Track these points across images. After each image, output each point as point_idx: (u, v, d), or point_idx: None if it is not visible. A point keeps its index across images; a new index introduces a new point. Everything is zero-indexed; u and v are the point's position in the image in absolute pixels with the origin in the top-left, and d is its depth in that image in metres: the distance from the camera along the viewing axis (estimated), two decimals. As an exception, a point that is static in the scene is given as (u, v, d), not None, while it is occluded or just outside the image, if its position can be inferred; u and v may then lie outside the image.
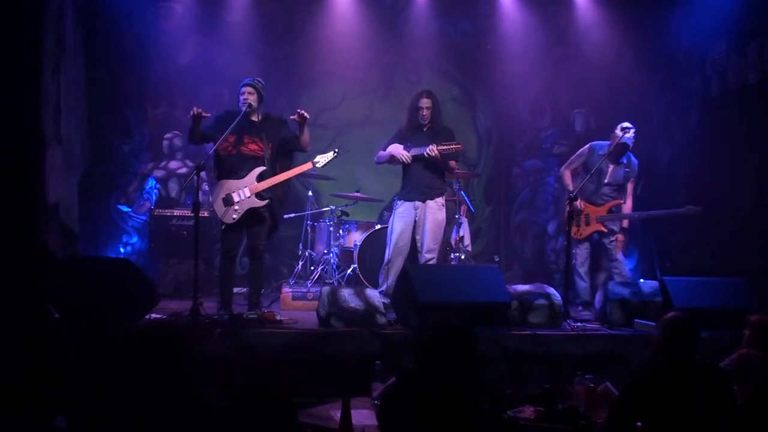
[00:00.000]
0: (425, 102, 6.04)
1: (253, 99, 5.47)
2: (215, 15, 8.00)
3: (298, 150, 5.69)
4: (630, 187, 6.36)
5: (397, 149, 6.03)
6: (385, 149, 6.14)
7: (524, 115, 8.58)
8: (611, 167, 6.25)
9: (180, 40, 7.90)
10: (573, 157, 6.54)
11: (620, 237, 6.28)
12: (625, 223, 6.31)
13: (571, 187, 6.28)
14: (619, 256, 6.34)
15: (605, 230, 6.26)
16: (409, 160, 5.97)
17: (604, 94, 8.22)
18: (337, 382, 4.29)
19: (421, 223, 6.05)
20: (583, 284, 6.37)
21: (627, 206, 6.34)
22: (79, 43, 7.19)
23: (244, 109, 5.41)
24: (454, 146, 5.83)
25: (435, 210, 6.05)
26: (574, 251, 6.34)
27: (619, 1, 8.14)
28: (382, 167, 7.98)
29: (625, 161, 6.27)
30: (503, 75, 8.33)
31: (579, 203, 6.09)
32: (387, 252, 6.09)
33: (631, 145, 6.18)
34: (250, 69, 7.27)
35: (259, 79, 5.61)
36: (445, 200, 7.42)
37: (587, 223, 6.28)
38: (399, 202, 6.16)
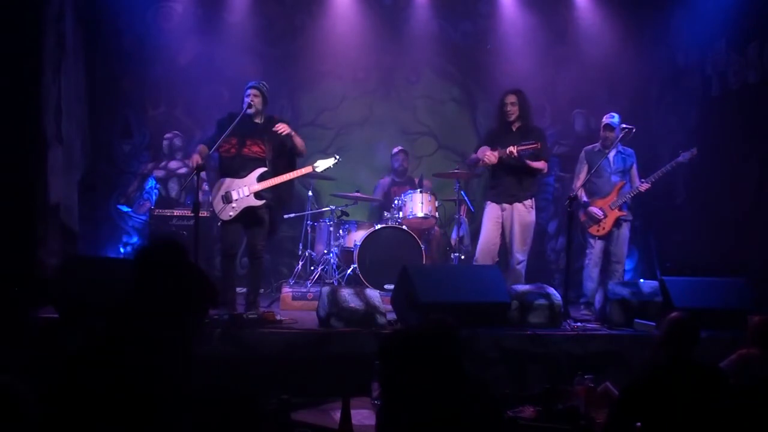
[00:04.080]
0: (509, 98, 6.10)
1: (258, 102, 5.52)
2: (215, 15, 8.00)
3: (296, 154, 5.73)
4: (634, 172, 6.45)
5: (483, 151, 6.09)
6: (475, 152, 6.23)
7: (524, 115, 8.57)
8: (612, 155, 6.33)
9: (180, 40, 7.89)
10: (576, 171, 6.62)
11: (644, 186, 6.24)
12: (643, 188, 6.26)
13: (586, 198, 6.37)
14: (623, 249, 6.35)
15: (624, 213, 6.31)
16: (493, 161, 6.00)
17: (604, 94, 8.22)
18: (337, 382, 4.28)
19: (509, 225, 6.15)
20: (591, 285, 6.35)
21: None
22: (80, 43, 7.19)
23: (245, 109, 5.44)
24: (531, 146, 5.88)
25: (524, 212, 6.13)
26: (588, 251, 6.38)
27: (619, 1, 8.14)
28: (382, 167, 8.05)
29: (621, 149, 6.39)
30: (503, 75, 8.31)
31: (595, 209, 6.25)
32: (476, 251, 6.27)
33: (614, 126, 6.22)
34: (250, 69, 7.29)
35: (263, 82, 5.65)
36: (444, 200, 7.50)
37: (605, 215, 6.29)
38: (487, 204, 6.26)
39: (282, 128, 5.50)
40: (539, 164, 6.07)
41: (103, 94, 7.66)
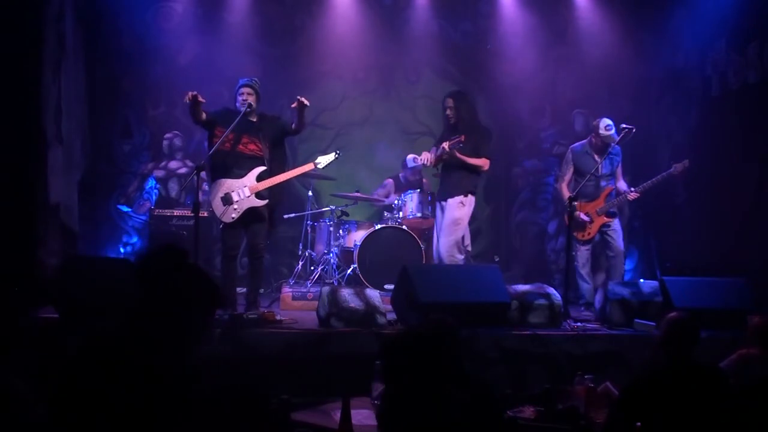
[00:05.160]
0: (447, 102, 6.23)
1: (252, 99, 5.49)
2: (215, 15, 8.01)
3: (291, 134, 5.73)
4: (619, 171, 6.46)
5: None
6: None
7: (524, 115, 8.58)
8: (600, 160, 6.30)
9: (180, 40, 7.90)
10: (562, 169, 6.62)
11: (632, 194, 6.25)
12: (632, 197, 6.26)
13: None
14: (619, 244, 6.34)
15: (610, 219, 6.32)
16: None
17: (604, 94, 8.22)
18: (337, 382, 4.28)
19: (441, 220, 6.24)
20: (586, 285, 6.39)
21: (622, 187, 6.38)
22: (80, 43, 7.19)
23: (243, 109, 5.42)
24: (456, 139, 5.95)
25: (453, 207, 6.15)
26: (575, 253, 6.37)
27: (619, 1, 8.15)
28: (383, 167, 8.05)
29: (610, 151, 6.36)
30: (503, 75, 8.33)
31: (581, 214, 6.22)
32: (435, 250, 6.38)
33: (615, 138, 6.20)
34: (250, 69, 7.28)
35: (255, 78, 5.63)
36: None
37: (591, 221, 6.29)
38: (437, 203, 6.43)
39: (301, 100, 5.43)
40: (478, 161, 6.11)
41: (103, 94, 7.67)
